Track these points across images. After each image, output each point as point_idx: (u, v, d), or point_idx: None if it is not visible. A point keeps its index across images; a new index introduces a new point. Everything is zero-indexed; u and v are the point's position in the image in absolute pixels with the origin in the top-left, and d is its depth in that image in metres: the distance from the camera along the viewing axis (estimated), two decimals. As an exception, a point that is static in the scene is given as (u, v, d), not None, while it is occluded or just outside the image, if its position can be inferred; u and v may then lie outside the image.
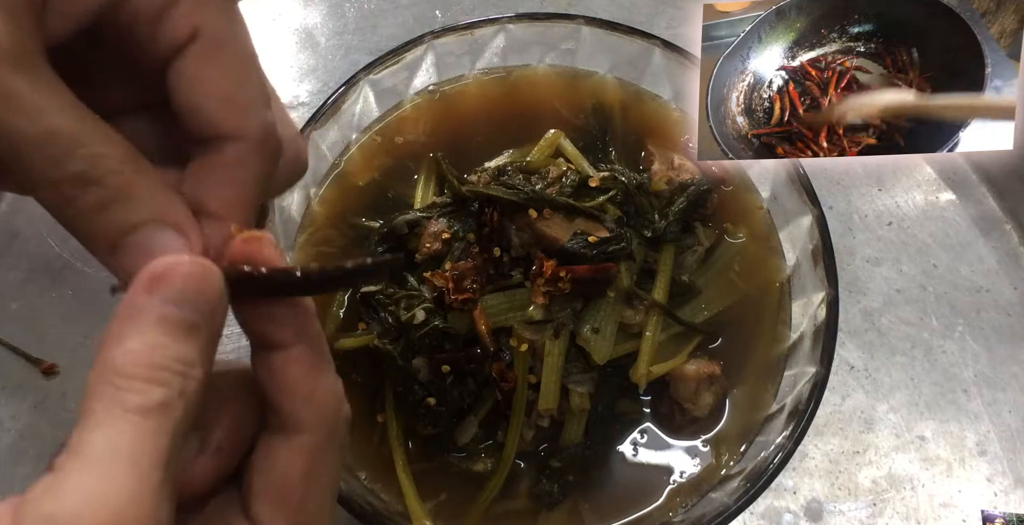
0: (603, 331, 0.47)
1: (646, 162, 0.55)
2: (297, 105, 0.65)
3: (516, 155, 0.55)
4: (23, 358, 0.57)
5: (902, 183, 0.64)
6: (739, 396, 0.51)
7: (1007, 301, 0.61)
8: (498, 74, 0.59)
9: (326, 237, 0.54)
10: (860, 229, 0.63)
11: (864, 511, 0.54)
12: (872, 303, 0.60)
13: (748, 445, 0.49)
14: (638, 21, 0.65)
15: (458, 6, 0.70)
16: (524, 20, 0.57)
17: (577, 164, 0.53)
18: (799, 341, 0.51)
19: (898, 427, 0.57)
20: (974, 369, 0.58)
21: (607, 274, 0.47)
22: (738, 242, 0.54)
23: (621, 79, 0.59)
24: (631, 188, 0.50)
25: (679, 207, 0.51)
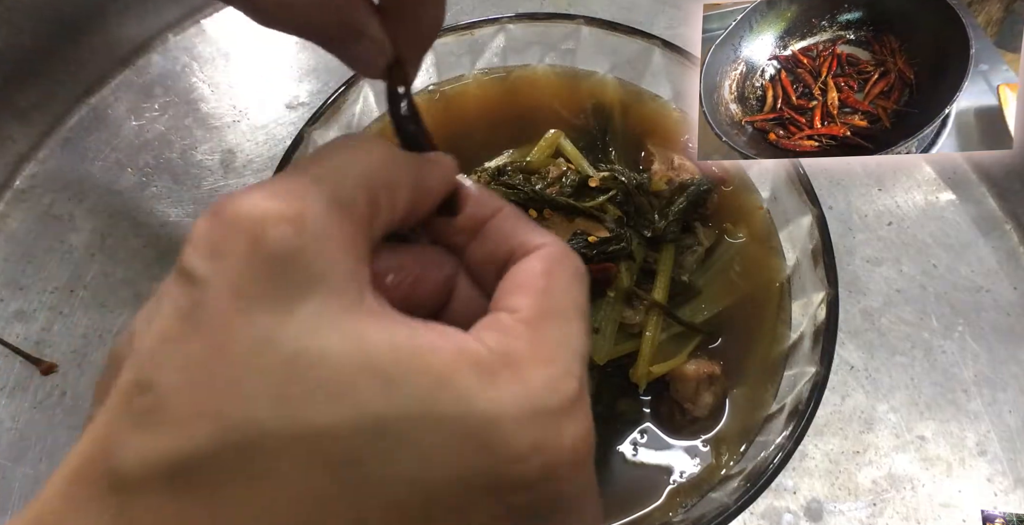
0: (603, 331, 0.47)
1: (646, 162, 0.55)
2: (297, 105, 0.65)
3: (516, 155, 0.55)
4: (23, 358, 0.57)
5: (902, 183, 0.64)
6: (739, 396, 0.51)
7: (1007, 301, 0.61)
8: (498, 74, 0.59)
9: (326, 237, 0.54)
10: (860, 229, 0.63)
11: (864, 511, 0.54)
12: (872, 303, 0.60)
13: (748, 445, 0.49)
14: (638, 21, 0.65)
15: (458, 6, 0.70)
16: (524, 20, 0.57)
17: (577, 164, 0.53)
18: (799, 341, 0.51)
19: (898, 427, 0.57)
20: (974, 369, 0.58)
21: (607, 274, 0.47)
22: (738, 242, 0.54)
23: (621, 79, 0.59)
24: (631, 188, 0.50)
25: (679, 207, 0.51)
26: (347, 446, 0.20)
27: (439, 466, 0.21)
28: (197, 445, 0.19)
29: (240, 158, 0.63)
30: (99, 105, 0.66)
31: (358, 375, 0.20)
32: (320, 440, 0.20)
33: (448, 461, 0.21)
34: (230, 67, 0.67)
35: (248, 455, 0.20)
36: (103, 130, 0.64)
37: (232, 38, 0.68)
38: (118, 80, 0.67)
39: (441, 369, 0.21)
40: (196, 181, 0.63)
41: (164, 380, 0.20)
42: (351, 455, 0.20)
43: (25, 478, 0.53)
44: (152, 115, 0.65)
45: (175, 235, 0.61)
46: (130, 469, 0.20)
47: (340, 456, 0.20)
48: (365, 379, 0.20)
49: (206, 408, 0.20)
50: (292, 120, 0.65)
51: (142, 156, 0.63)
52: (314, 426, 0.20)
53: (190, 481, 0.19)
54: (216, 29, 0.69)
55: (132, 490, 0.19)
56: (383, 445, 0.20)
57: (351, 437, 0.20)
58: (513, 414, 0.22)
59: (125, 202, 0.53)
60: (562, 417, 0.22)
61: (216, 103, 0.65)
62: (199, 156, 0.64)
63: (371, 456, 0.20)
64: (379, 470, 0.20)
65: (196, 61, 0.67)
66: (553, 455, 0.22)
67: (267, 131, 0.65)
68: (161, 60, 0.67)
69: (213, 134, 0.64)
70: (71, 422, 0.55)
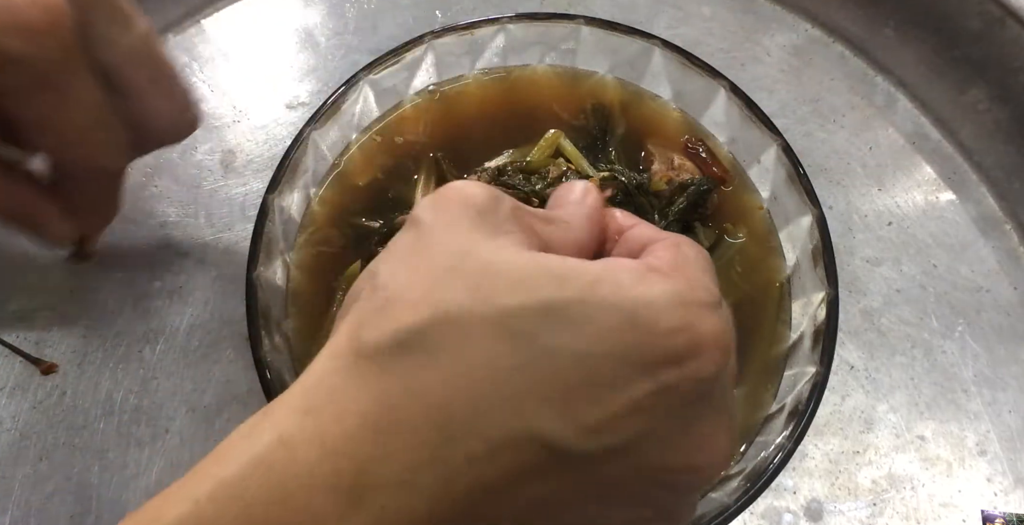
0: (603, 331, 0.47)
1: (646, 162, 0.55)
2: (297, 105, 0.65)
3: (516, 155, 0.55)
4: (23, 358, 0.57)
5: (902, 183, 0.64)
6: (739, 396, 0.51)
7: (1007, 301, 0.61)
8: (498, 74, 0.59)
9: (326, 237, 0.54)
10: (860, 229, 0.63)
11: (864, 511, 0.54)
12: (872, 303, 0.60)
13: (748, 445, 0.49)
14: (638, 21, 0.65)
15: (458, 6, 0.70)
16: (524, 20, 0.57)
17: (577, 164, 0.53)
18: (799, 341, 0.51)
19: (898, 427, 0.57)
20: (974, 369, 0.58)
21: (607, 274, 0.47)
22: (738, 242, 0.54)
23: (621, 79, 0.59)
24: (631, 188, 0.50)
25: (679, 207, 0.51)
26: (523, 322, 0.26)
27: (598, 342, 0.26)
28: (416, 321, 0.26)
29: (240, 158, 0.63)
30: (99, 105, 0.66)
31: (534, 275, 0.27)
32: (502, 318, 0.26)
33: (606, 337, 0.26)
34: (230, 67, 0.67)
35: (452, 329, 0.26)
36: (103, 130, 0.64)
37: (232, 38, 0.68)
38: (118, 80, 0.66)
39: (600, 271, 0.27)
40: (196, 181, 0.62)
41: (395, 282, 0.28)
42: (526, 328, 0.26)
43: (25, 478, 0.53)
44: (152, 115, 0.65)
45: (175, 235, 0.61)
46: (371, 342, 0.27)
47: (518, 329, 0.26)
48: (540, 277, 0.27)
49: (423, 297, 0.27)
50: (292, 120, 0.65)
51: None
52: (498, 306, 0.26)
53: (412, 348, 0.26)
54: (216, 29, 0.69)
55: (371, 356, 0.26)
56: (552, 322, 0.26)
57: (527, 316, 0.26)
58: (662, 300, 0.27)
59: (125, 202, 0.53)
60: (704, 308, 0.28)
61: (216, 103, 0.65)
62: (199, 156, 0.63)
63: (543, 330, 0.26)
64: (549, 342, 0.26)
65: (196, 61, 0.67)
66: (697, 334, 0.27)
67: (267, 131, 0.64)
68: (161, 60, 0.67)
69: (213, 134, 0.64)
70: (71, 422, 0.55)
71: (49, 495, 0.53)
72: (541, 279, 0.27)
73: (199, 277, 0.59)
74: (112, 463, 0.54)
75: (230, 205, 0.62)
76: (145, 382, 0.56)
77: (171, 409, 0.55)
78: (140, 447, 0.54)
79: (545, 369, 0.26)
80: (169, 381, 0.56)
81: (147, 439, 0.55)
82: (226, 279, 0.59)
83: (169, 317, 0.58)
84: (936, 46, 0.66)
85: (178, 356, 0.57)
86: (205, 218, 0.61)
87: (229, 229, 0.61)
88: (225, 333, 0.58)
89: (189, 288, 0.59)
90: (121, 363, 0.57)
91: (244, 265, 0.49)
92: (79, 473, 0.54)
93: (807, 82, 0.67)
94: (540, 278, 0.27)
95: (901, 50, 0.67)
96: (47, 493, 0.53)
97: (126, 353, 0.57)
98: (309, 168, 0.54)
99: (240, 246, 0.60)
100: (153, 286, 0.59)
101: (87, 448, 0.54)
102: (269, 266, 0.50)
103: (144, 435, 0.55)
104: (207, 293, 0.59)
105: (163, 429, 0.55)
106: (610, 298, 0.26)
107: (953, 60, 0.66)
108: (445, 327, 0.26)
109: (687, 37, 0.68)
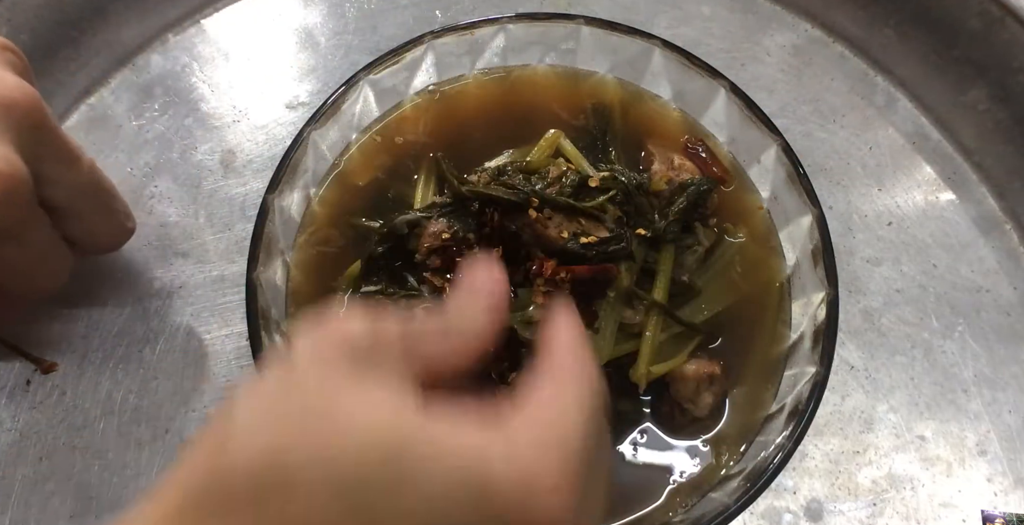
0: (603, 331, 0.47)
1: (646, 162, 0.55)
2: (297, 105, 0.65)
3: (516, 155, 0.55)
4: (23, 358, 0.57)
5: (902, 183, 0.64)
6: (739, 396, 0.51)
7: (1007, 301, 0.61)
8: (498, 74, 0.59)
9: (326, 237, 0.54)
10: (860, 229, 0.63)
11: (864, 511, 0.54)
12: (872, 303, 0.60)
13: (748, 445, 0.49)
14: (638, 21, 0.65)
15: (458, 6, 0.70)
16: (524, 20, 0.57)
17: (577, 164, 0.53)
18: (799, 341, 0.51)
19: (898, 427, 0.57)
20: (974, 369, 0.58)
21: (607, 274, 0.47)
22: (738, 242, 0.54)
23: (621, 79, 0.59)
24: (631, 188, 0.50)
25: (679, 207, 0.51)
26: (359, 492, 0.26)
27: (428, 518, 0.26)
28: (253, 468, 0.26)
29: (240, 158, 0.63)
30: (99, 105, 0.66)
31: (382, 441, 0.27)
32: (341, 481, 0.26)
33: (437, 516, 0.26)
34: (230, 67, 0.67)
35: (282, 475, 0.26)
36: (103, 130, 0.64)
37: (232, 38, 0.68)
38: (118, 80, 0.67)
39: (446, 444, 0.28)
40: (196, 181, 0.62)
41: (245, 427, 0.28)
42: (361, 499, 0.26)
43: (25, 478, 0.53)
44: (152, 115, 0.65)
45: (175, 235, 0.61)
46: (200, 488, 0.27)
47: (354, 498, 0.26)
48: (386, 443, 0.27)
49: (260, 441, 0.27)
50: (292, 120, 0.65)
51: (142, 156, 0.63)
52: (339, 470, 0.26)
53: (241, 498, 0.26)
54: (216, 29, 0.69)
55: (197, 508, 0.27)
56: (386, 495, 0.26)
57: (364, 485, 0.26)
58: (504, 484, 0.27)
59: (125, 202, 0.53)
60: (551, 494, 0.28)
61: (216, 103, 0.65)
62: (199, 156, 0.63)
63: (378, 501, 0.26)
64: (381, 500, 0.26)
65: (196, 61, 0.67)
66: (532, 520, 0.27)
67: (267, 131, 0.64)
68: (161, 60, 0.67)
69: (213, 134, 0.64)
70: (71, 422, 0.55)
71: (49, 495, 0.53)
72: (387, 446, 0.27)
73: (199, 277, 0.59)
74: (112, 463, 0.54)
75: (230, 205, 0.62)
76: (145, 382, 0.56)
77: (171, 409, 0.55)
78: (140, 447, 0.54)
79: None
80: (169, 381, 0.56)
81: (147, 439, 0.55)
82: (226, 279, 0.59)
83: (169, 317, 0.58)
84: (936, 46, 0.66)
85: (178, 356, 0.57)
86: (205, 218, 0.61)
87: (229, 229, 0.61)
88: (225, 333, 0.58)
89: (189, 288, 0.59)
90: (121, 363, 0.57)
91: (244, 265, 0.49)
92: (79, 473, 0.54)
93: (807, 82, 0.67)
94: (386, 444, 0.27)
95: (901, 50, 0.67)
96: (47, 493, 0.53)
97: (126, 353, 0.57)
98: (309, 168, 0.54)
99: (240, 246, 0.60)
100: (153, 286, 0.59)
101: (87, 448, 0.54)
102: (269, 266, 0.50)
103: (144, 435, 0.55)
104: (207, 293, 0.59)
105: (163, 429, 0.55)
106: (453, 474, 0.27)
107: (953, 60, 0.66)
108: (281, 480, 0.26)
109: (687, 37, 0.68)
